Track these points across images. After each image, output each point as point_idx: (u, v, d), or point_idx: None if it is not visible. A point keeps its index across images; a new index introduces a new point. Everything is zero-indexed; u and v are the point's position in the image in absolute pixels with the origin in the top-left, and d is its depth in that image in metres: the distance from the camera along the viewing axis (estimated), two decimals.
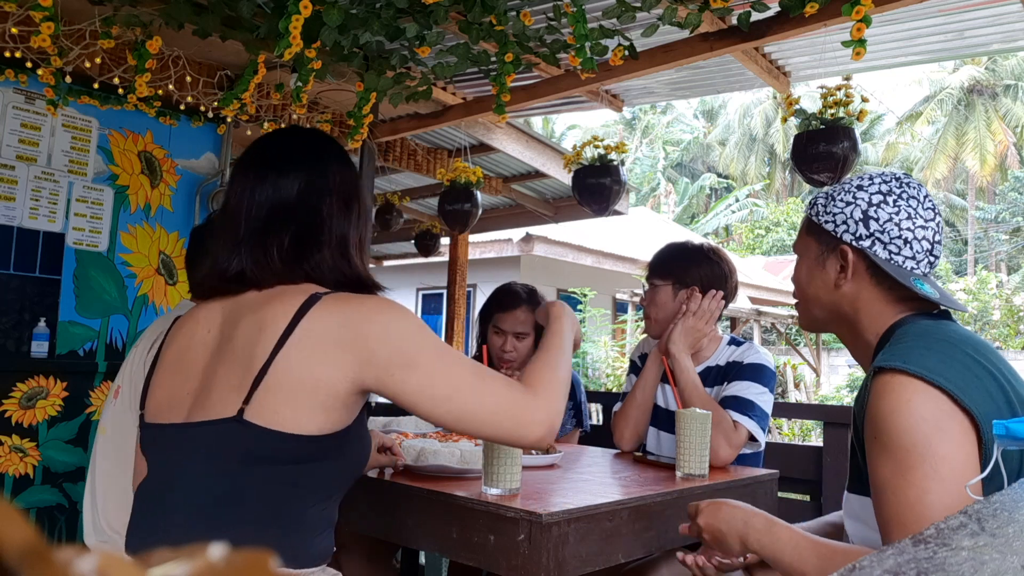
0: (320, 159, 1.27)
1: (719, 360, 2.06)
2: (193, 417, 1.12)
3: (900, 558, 0.41)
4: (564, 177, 4.61)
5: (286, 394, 1.07)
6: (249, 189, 1.22)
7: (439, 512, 1.35)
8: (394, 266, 9.80)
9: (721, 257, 2.15)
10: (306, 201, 1.22)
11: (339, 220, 1.24)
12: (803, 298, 1.29)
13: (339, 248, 1.23)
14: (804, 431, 8.26)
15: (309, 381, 1.08)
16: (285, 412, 1.07)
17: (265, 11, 2.43)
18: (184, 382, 1.17)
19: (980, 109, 23.91)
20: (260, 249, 1.18)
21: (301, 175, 1.23)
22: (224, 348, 1.15)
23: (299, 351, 1.08)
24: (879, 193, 1.18)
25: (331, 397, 1.09)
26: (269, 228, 1.19)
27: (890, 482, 0.99)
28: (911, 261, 1.15)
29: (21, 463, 2.96)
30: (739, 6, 2.43)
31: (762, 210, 25.76)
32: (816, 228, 1.24)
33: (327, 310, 1.12)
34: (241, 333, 1.13)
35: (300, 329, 1.10)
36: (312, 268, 1.20)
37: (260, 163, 1.25)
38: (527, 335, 2.43)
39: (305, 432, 1.08)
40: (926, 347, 1.05)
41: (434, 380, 1.10)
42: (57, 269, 3.13)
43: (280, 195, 1.21)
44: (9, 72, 2.86)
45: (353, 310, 1.13)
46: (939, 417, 0.98)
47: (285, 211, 1.20)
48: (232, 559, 0.23)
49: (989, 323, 14.83)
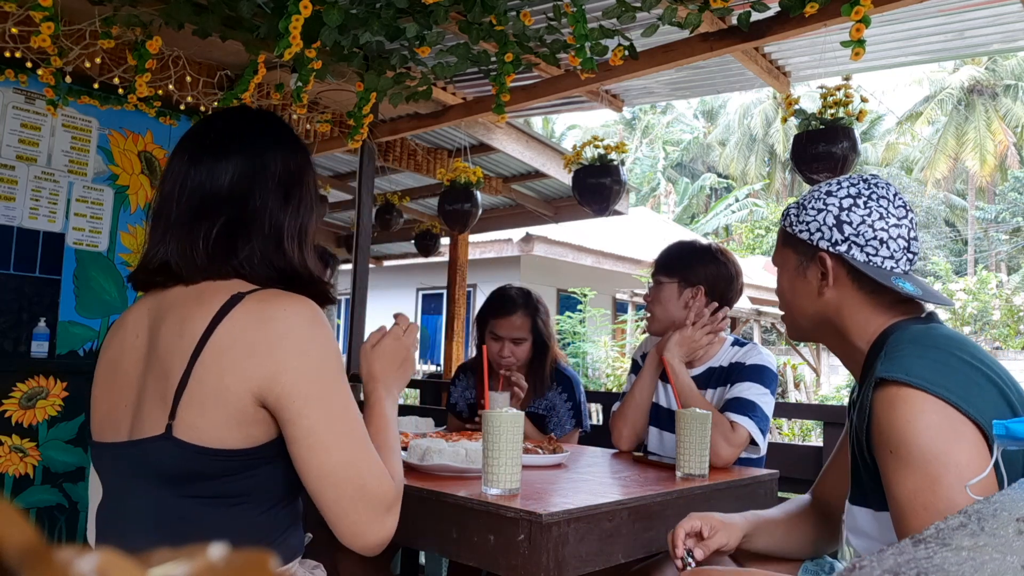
0: (260, 143, 1.18)
1: (722, 361, 2.06)
2: (132, 435, 1.07)
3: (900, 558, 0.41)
4: (564, 177, 4.61)
5: (203, 407, 1.01)
6: (183, 174, 1.14)
7: (439, 512, 1.35)
8: (394, 266, 9.81)
9: (728, 258, 2.14)
10: (239, 188, 1.13)
11: (275, 209, 1.15)
12: (788, 310, 1.29)
13: (273, 239, 1.14)
14: (804, 431, 8.26)
15: (220, 392, 1.01)
16: (205, 426, 1.01)
17: (265, 11, 2.43)
18: (121, 396, 1.11)
19: (980, 109, 23.90)
20: (187, 239, 1.10)
21: (237, 160, 1.14)
22: (151, 357, 1.08)
23: (212, 359, 1.02)
24: (849, 197, 1.18)
25: (239, 411, 1.02)
26: (198, 216, 1.11)
27: (919, 496, 0.98)
28: (890, 260, 1.15)
29: (21, 463, 2.96)
30: (739, 6, 2.43)
31: (762, 210, 25.74)
32: (792, 239, 1.24)
33: (245, 312, 1.05)
34: (163, 340, 1.07)
35: (216, 334, 1.03)
36: (241, 262, 1.11)
37: (197, 146, 1.17)
38: (524, 340, 2.42)
39: (230, 446, 1.02)
40: (922, 356, 1.05)
41: (329, 429, 1.03)
42: (57, 269, 3.13)
43: (213, 181, 1.13)
44: (9, 72, 2.86)
45: (270, 315, 1.05)
46: (951, 426, 0.98)
47: (216, 199, 1.12)
48: (232, 559, 0.23)
49: (989, 323, 14.83)
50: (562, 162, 4.02)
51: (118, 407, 1.10)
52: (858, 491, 1.14)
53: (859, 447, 1.12)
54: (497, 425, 1.34)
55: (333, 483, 1.04)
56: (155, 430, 1.03)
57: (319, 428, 1.03)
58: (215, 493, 1.04)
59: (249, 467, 1.04)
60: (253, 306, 1.05)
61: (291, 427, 1.03)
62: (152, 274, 1.13)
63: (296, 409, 1.02)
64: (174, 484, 1.03)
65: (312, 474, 1.04)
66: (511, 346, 2.40)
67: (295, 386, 1.02)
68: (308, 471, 1.04)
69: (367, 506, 1.06)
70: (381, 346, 1.26)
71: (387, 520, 1.08)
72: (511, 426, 1.35)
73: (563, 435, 2.44)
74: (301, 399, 1.02)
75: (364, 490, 1.05)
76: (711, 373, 2.06)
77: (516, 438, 1.35)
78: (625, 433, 2.13)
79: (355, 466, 1.05)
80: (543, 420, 2.46)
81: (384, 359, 1.25)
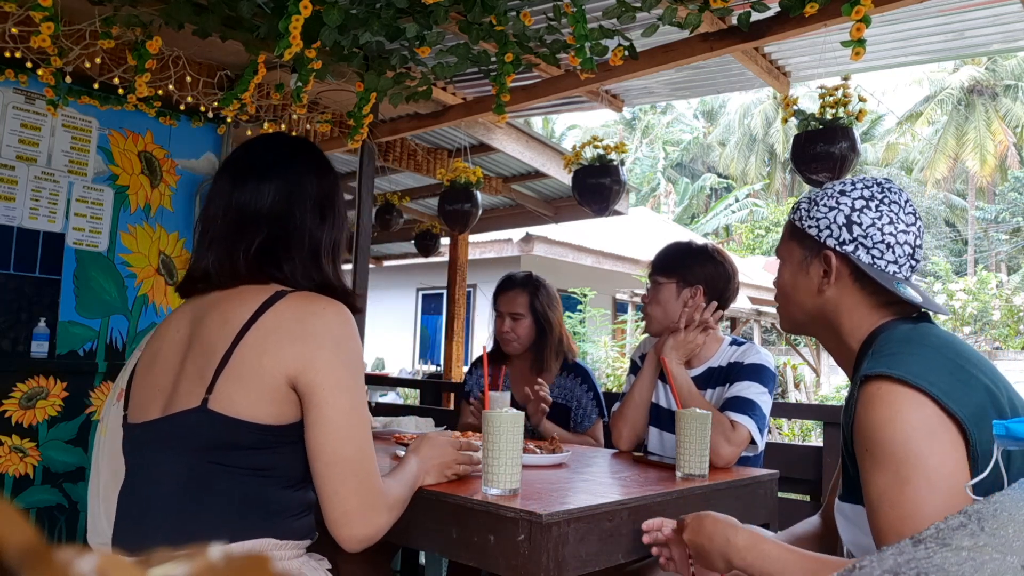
0: (298, 167, 1.30)
1: (720, 361, 2.06)
2: (166, 411, 1.17)
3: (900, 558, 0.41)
4: (564, 177, 4.61)
5: (241, 383, 1.12)
6: (226, 195, 1.26)
7: (439, 512, 1.35)
8: (394, 266, 9.81)
9: (724, 258, 2.16)
10: (280, 208, 1.25)
11: (312, 227, 1.27)
12: (785, 302, 1.30)
13: (311, 255, 1.27)
14: (804, 431, 8.26)
15: (258, 370, 1.13)
16: (241, 400, 1.12)
17: (265, 11, 2.43)
18: (157, 381, 1.21)
19: (980, 109, 23.90)
20: (226, 252, 1.23)
21: (278, 182, 1.26)
22: (192, 344, 1.20)
23: (255, 340, 1.14)
24: (862, 198, 1.18)
25: (272, 389, 1.13)
26: (240, 231, 1.23)
27: (886, 494, 0.99)
28: (893, 265, 1.16)
29: (21, 463, 2.96)
30: (739, 6, 2.43)
31: (762, 210, 25.75)
32: (799, 233, 1.25)
33: (288, 304, 1.17)
34: (207, 328, 1.18)
35: (261, 320, 1.15)
36: (283, 274, 1.23)
37: (239, 169, 1.29)
38: (522, 316, 2.52)
39: (262, 421, 1.13)
40: (909, 353, 1.06)
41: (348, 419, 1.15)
42: (57, 269, 3.13)
43: (256, 201, 1.25)
44: (9, 72, 2.86)
45: (312, 310, 1.17)
46: (929, 425, 0.98)
47: (257, 216, 1.24)
48: (232, 559, 0.23)
49: (989, 323, 14.83)
50: (562, 162, 4.02)
51: (152, 391, 1.21)
52: (846, 488, 1.15)
53: (846, 446, 1.13)
54: (497, 425, 1.34)
55: (340, 470, 1.14)
56: (190, 403, 1.14)
57: (338, 417, 1.14)
58: (241, 464, 1.13)
59: (274, 443, 1.14)
60: (296, 301, 1.18)
61: (315, 411, 1.14)
62: (195, 282, 1.26)
63: (323, 396, 1.13)
64: (204, 452, 1.12)
65: (324, 459, 1.14)
66: (510, 322, 2.52)
67: (326, 375, 1.14)
68: (321, 455, 1.14)
69: (364, 498, 1.15)
70: (435, 439, 1.45)
71: (376, 518, 1.17)
72: (511, 426, 1.35)
73: (591, 425, 2.48)
74: (329, 388, 1.14)
75: (365, 483, 1.16)
76: (710, 373, 2.06)
77: (516, 438, 1.35)
78: (625, 433, 2.14)
79: (362, 458, 1.16)
80: (567, 412, 2.49)
81: (427, 448, 1.42)
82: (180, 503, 1.12)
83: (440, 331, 10.85)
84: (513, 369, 2.61)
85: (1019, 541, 0.46)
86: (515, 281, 2.58)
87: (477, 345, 6.05)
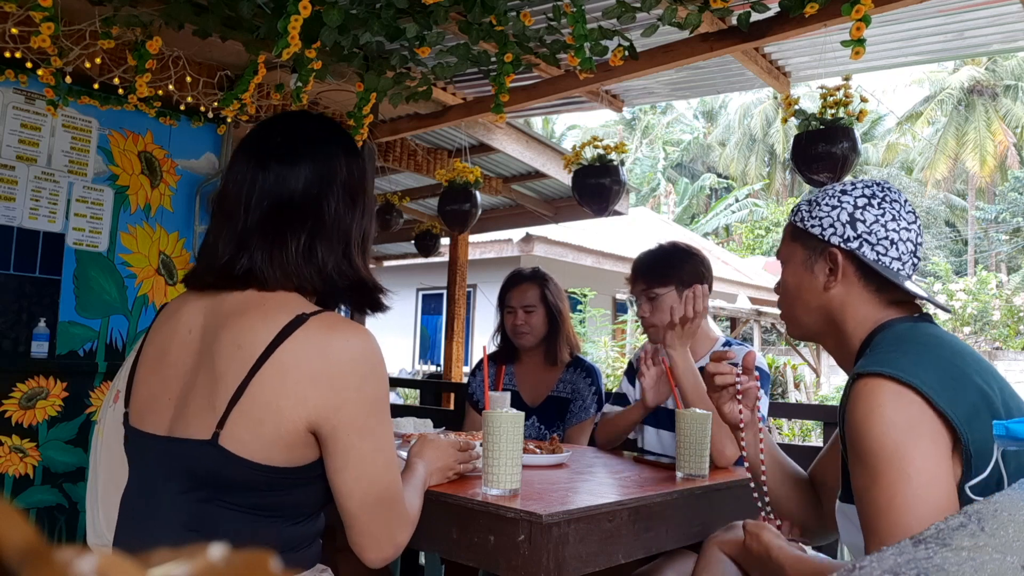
0: (327, 149, 1.18)
1: None
2: (173, 431, 1.08)
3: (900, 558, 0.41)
4: (564, 177, 4.60)
5: (255, 423, 1.03)
6: (249, 178, 1.13)
7: (439, 512, 1.35)
8: (394, 266, 9.80)
9: (695, 250, 2.19)
10: (312, 196, 1.14)
11: (344, 216, 1.16)
12: (791, 304, 1.30)
13: (342, 247, 1.15)
14: (804, 431, 8.26)
15: (275, 412, 1.03)
16: (254, 442, 1.03)
17: (265, 11, 2.43)
18: (165, 386, 1.12)
19: (980, 109, 23.89)
20: (278, 248, 1.11)
21: (308, 166, 1.15)
22: (204, 358, 1.09)
23: (272, 377, 1.03)
24: (863, 197, 1.20)
25: (289, 433, 1.04)
26: (281, 225, 1.11)
27: (866, 491, 1.00)
28: (897, 262, 1.17)
29: (21, 463, 2.96)
30: (739, 6, 2.43)
31: (762, 210, 25.74)
32: (802, 233, 1.25)
33: (308, 337, 1.05)
34: (220, 347, 1.07)
35: (278, 354, 1.04)
36: (325, 272, 1.13)
37: (262, 151, 1.16)
38: (534, 307, 2.54)
39: (275, 464, 1.05)
40: (903, 351, 1.06)
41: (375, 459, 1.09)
42: (57, 269, 3.13)
43: (286, 188, 1.13)
44: (9, 72, 2.86)
45: (336, 345, 1.06)
46: (910, 422, 0.99)
47: (292, 207, 1.13)
48: (232, 559, 0.23)
49: (989, 323, 14.82)
50: (562, 162, 4.02)
51: (161, 398, 1.11)
52: (844, 488, 1.15)
53: (842, 444, 1.13)
54: (497, 425, 1.34)
55: (370, 508, 1.09)
56: (201, 434, 1.04)
57: (366, 459, 1.08)
58: (251, 504, 1.06)
59: (288, 485, 1.07)
60: (317, 333, 1.06)
61: (340, 457, 1.07)
62: (231, 279, 1.11)
63: (349, 441, 1.06)
64: (212, 489, 1.05)
65: (354, 499, 1.09)
66: (524, 315, 2.54)
67: (351, 420, 1.06)
68: (350, 496, 1.08)
69: (392, 525, 1.13)
70: (437, 442, 1.44)
71: (402, 536, 1.15)
72: (511, 426, 1.35)
73: (586, 418, 2.49)
74: (356, 432, 1.06)
75: (393, 511, 1.13)
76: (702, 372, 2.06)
77: (516, 438, 1.35)
78: (601, 443, 2.24)
79: (392, 492, 1.12)
80: (566, 404, 2.50)
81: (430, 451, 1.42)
82: (180, 538, 1.05)
83: (440, 331, 10.85)
84: (522, 366, 2.62)
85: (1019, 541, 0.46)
86: (525, 275, 2.62)
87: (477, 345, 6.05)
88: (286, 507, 1.09)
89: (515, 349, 2.62)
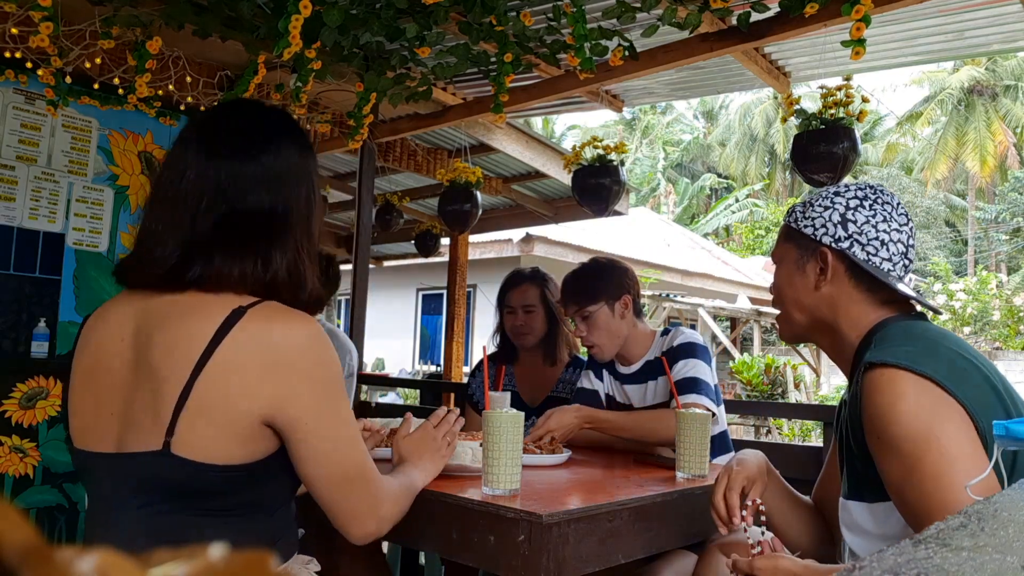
0: (285, 147, 1.12)
1: (655, 352, 2.15)
2: (122, 447, 1.03)
3: (900, 558, 0.41)
4: (564, 177, 4.61)
5: (208, 424, 0.99)
6: (201, 173, 1.07)
7: (439, 512, 1.35)
8: (394, 266, 9.80)
9: (617, 263, 2.25)
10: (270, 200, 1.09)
11: (301, 220, 1.12)
12: (783, 303, 1.31)
13: (295, 252, 1.11)
14: (804, 431, 8.26)
15: (227, 410, 1.00)
16: (209, 443, 1.00)
17: (265, 11, 2.43)
18: (104, 401, 1.06)
19: (980, 109, 23.89)
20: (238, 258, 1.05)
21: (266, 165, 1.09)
22: (140, 366, 1.03)
23: (217, 375, 0.99)
24: (856, 198, 1.22)
25: (245, 428, 1.02)
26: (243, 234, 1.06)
27: (908, 480, 0.99)
28: (887, 263, 1.19)
29: (21, 463, 2.96)
30: (739, 6, 2.43)
31: (762, 210, 25.74)
32: (795, 233, 1.27)
33: (249, 331, 1.01)
34: (156, 352, 1.02)
35: (220, 352, 1.00)
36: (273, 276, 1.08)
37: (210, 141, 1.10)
38: (534, 307, 2.54)
39: (233, 462, 1.01)
40: (911, 344, 1.07)
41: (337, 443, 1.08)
42: (57, 269, 3.13)
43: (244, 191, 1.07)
44: (9, 72, 2.86)
45: (278, 334, 1.03)
46: (935, 407, 1.00)
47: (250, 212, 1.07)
48: (231, 559, 0.23)
49: (989, 323, 14.82)
50: (562, 162, 4.02)
51: (102, 414, 1.06)
52: (851, 485, 1.15)
53: (853, 439, 1.13)
54: (497, 425, 1.34)
55: (341, 489, 1.09)
56: (151, 445, 1.00)
57: (327, 445, 1.07)
58: (214, 507, 1.04)
59: (251, 481, 1.05)
60: (257, 325, 1.02)
61: (301, 446, 1.05)
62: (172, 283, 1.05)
63: (307, 430, 1.05)
64: (173, 499, 1.02)
65: (322, 483, 1.08)
66: (523, 315, 2.54)
67: (306, 409, 1.04)
68: (317, 481, 1.08)
69: (369, 499, 1.12)
70: (411, 438, 1.40)
71: (382, 509, 1.14)
72: (511, 426, 1.35)
73: None
74: (313, 420, 1.05)
75: (369, 487, 1.12)
76: (648, 366, 2.15)
77: (516, 438, 1.35)
78: None
79: (361, 470, 1.11)
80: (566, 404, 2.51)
81: (412, 448, 1.38)
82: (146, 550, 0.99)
83: (440, 331, 10.85)
84: (522, 366, 2.62)
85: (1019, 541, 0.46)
86: (524, 276, 2.62)
87: (477, 345, 6.06)
88: (254, 503, 1.07)
89: (515, 349, 2.62)
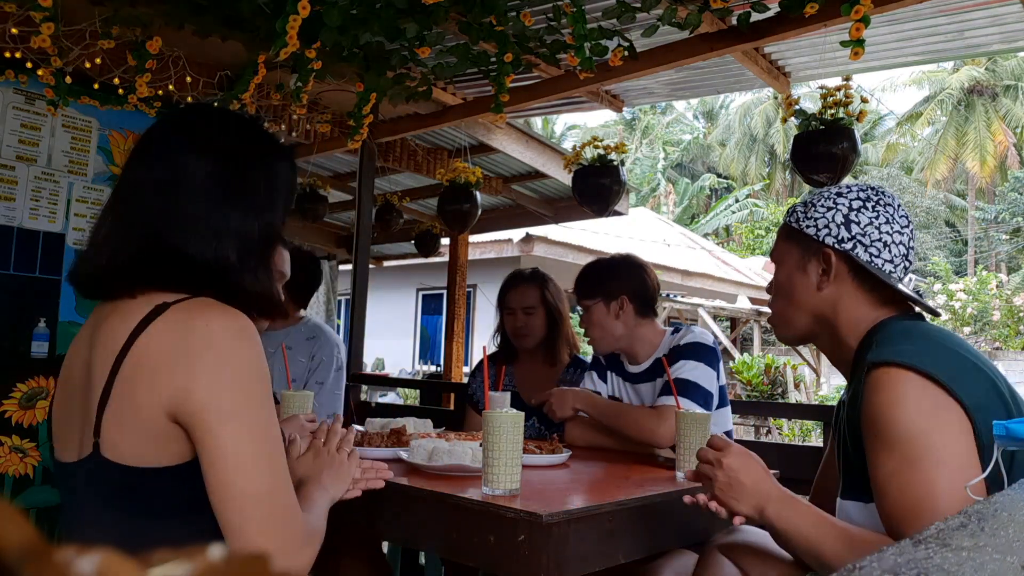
0: (182, 146, 1.07)
1: (663, 351, 2.14)
2: (81, 454, 1.00)
3: (900, 558, 0.41)
4: (564, 177, 4.61)
5: (121, 424, 0.95)
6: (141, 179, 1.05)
7: (439, 512, 1.35)
8: (394, 266, 9.81)
9: (636, 261, 2.25)
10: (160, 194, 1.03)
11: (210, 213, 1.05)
12: (783, 304, 1.31)
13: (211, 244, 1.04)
14: (804, 431, 8.26)
15: (133, 407, 0.95)
16: (124, 446, 0.95)
17: (265, 11, 2.43)
18: (69, 410, 1.04)
19: (980, 109, 23.89)
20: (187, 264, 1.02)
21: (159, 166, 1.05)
22: (88, 372, 1.01)
23: (130, 371, 0.95)
24: (859, 200, 1.22)
25: (153, 428, 0.94)
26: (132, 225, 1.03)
27: (896, 477, 1.00)
28: (889, 264, 1.19)
29: (21, 463, 2.96)
30: (739, 6, 2.43)
31: (762, 210, 25.74)
32: (797, 234, 1.27)
33: (166, 324, 0.97)
34: (94, 355, 1.00)
35: (135, 347, 0.96)
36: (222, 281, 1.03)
37: (133, 152, 1.09)
38: (534, 308, 2.54)
39: (155, 464, 0.95)
40: (914, 343, 1.08)
41: (247, 450, 0.94)
42: (57, 269, 3.13)
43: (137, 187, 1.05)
44: (9, 72, 2.86)
45: (193, 325, 0.96)
46: (935, 408, 1.00)
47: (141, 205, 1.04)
48: (231, 559, 0.23)
49: (989, 323, 14.82)
50: (562, 162, 4.02)
51: (71, 422, 1.04)
52: (848, 485, 1.15)
53: (851, 439, 1.13)
54: (497, 425, 1.34)
55: (248, 512, 0.94)
56: (88, 449, 0.97)
57: (233, 449, 0.94)
58: (162, 513, 0.98)
59: (181, 483, 0.97)
60: (175, 316, 0.97)
61: (206, 448, 0.94)
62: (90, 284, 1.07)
63: (209, 427, 0.93)
64: (116, 503, 0.97)
65: (233, 501, 0.93)
66: (523, 316, 2.54)
67: (208, 402, 0.93)
68: (227, 496, 0.93)
69: (284, 540, 0.97)
70: (304, 459, 1.25)
71: (306, 551, 1.01)
72: (511, 426, 1.35)
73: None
74: (214, 415, 0.93)
75: (281, 520, 0.97)
76: (656, 365, 2.15)
77: (516, 438, 1.35)
78: None
79: (272, 493, 0.96)
80: None
81: (308, 469, 1.23)
82: None
83: (440, 331, 10.85)
84: (522, 366, 2.62)
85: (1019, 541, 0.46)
86: (524, 276, 2.62)
87: (477, 345, 6.06)
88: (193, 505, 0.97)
89: (515, 349, 2.62)
